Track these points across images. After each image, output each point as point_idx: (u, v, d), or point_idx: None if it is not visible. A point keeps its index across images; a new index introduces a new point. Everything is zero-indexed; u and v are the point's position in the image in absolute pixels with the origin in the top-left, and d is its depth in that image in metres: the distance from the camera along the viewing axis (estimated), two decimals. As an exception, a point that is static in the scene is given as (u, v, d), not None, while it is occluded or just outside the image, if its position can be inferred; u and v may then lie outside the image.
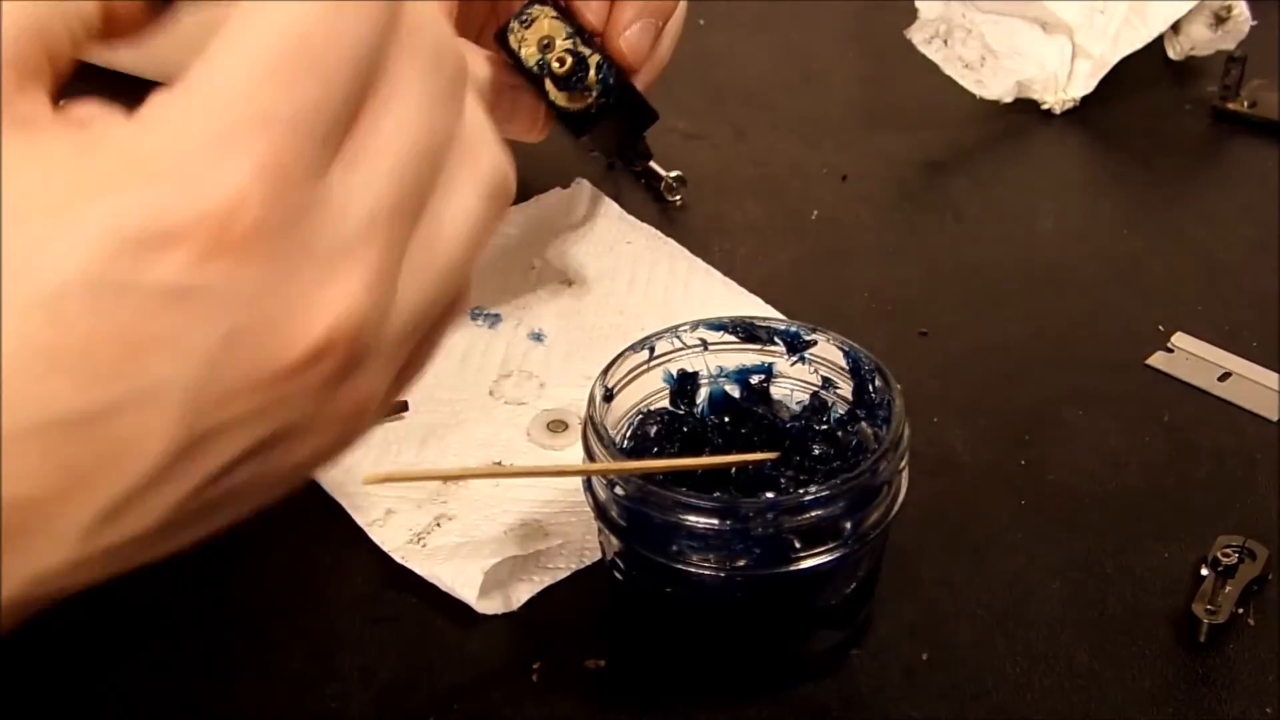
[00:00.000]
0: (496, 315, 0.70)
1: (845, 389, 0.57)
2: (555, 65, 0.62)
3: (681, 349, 0.58)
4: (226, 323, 0.38)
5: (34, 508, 0.40)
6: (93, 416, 0.39)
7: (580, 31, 0.62)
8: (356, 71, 0.39)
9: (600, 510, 0.53)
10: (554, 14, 0.62)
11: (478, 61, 0.61)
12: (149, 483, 0.41)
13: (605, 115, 0.63)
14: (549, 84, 0.63)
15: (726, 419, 0.58)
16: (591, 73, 0.62)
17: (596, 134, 0.65)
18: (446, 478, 0.61)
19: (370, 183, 0.40)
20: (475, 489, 0.61)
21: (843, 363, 0.57)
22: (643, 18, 0.62)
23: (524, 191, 0.77)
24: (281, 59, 0.38)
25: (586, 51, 0.62)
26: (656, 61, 0.67)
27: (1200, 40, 0.88)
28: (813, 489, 0.51)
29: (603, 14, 0.63)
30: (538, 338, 0.69)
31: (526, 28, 0.62)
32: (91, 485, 0.40)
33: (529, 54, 0.62)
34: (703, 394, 0.59)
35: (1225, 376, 0.68)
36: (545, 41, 0.62)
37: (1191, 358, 0.69)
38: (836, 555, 0.51)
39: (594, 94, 0.62)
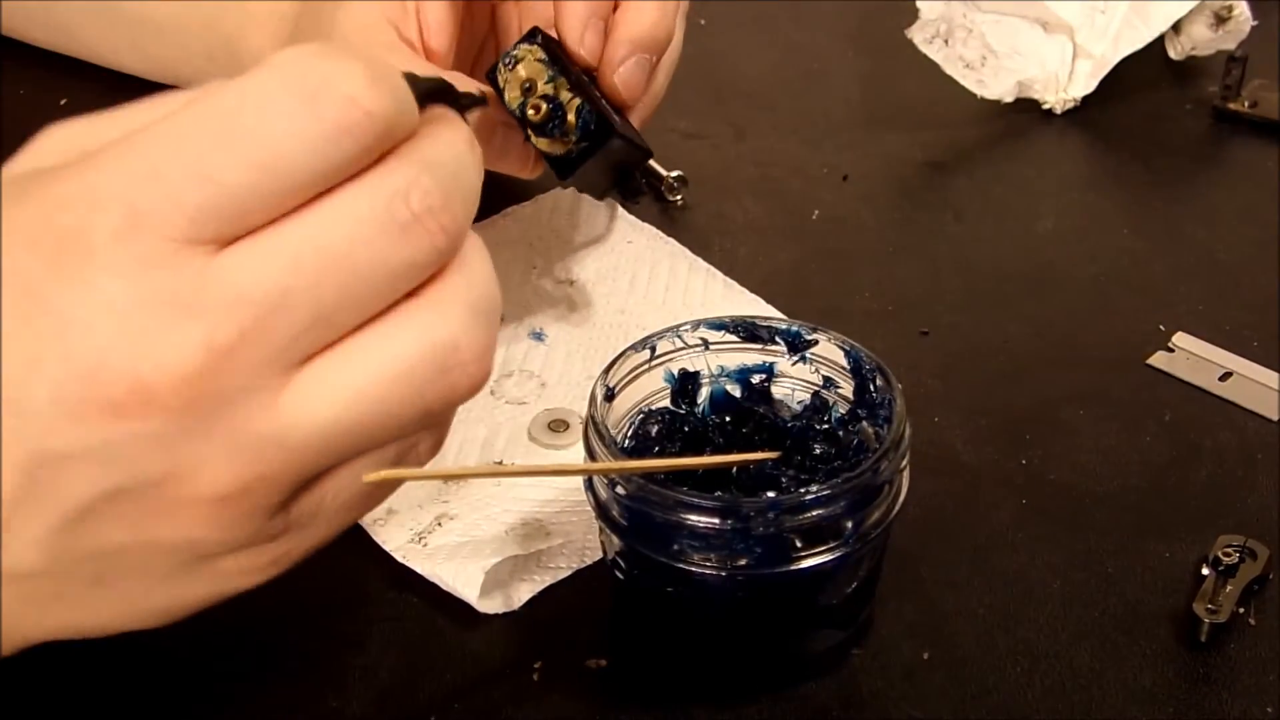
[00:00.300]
0: (497, 315, 0.70)
1: (846, 388, 0.57)
2: (530, 113, 0.62)
3: (683, 348, 0.58)
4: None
5: None
6: None
7: (566, 72, 0.61)
8: (373, 295, 0.42)
9: (601, 509, 0.53)
10: (540, 55, 0.61)
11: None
12: (13, 499, 0.42)
13: (586, 158, 0.62)
14: (530, 133, 0.62)
15: (728, 418, 0.58)
16: (570, 117, 0.61)
17: (581, 176, 0.64)
18: (447, 477, 0.61)
19: (327, 403, 0.42)
20: (476, 488, 0.61)
21: (844, 362, 0.57)
22: (636, 54, 0.62)
23: (524, 191, 0.77)
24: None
25: (566, 97, 0.61)
26: (651, 97, 0.66)
27: (1201, 40, 0.88)
28: (814, 488, 0.51)
29: (596, 51, 0.62)
30: (539, 337, 0.69)
31: (510, 69, 0.61)
32: None
33: (512, 97, 0.62)
34: (704, 393, 0.59)
35: (1226, 376, 0.68)
36: (527, 85, 0.62)
37: (1192, 357, 0.69)
38: (837, 555, 0.51)
39: (574, 139, 0.62)
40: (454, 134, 0.44)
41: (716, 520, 0.50)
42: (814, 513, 0.51)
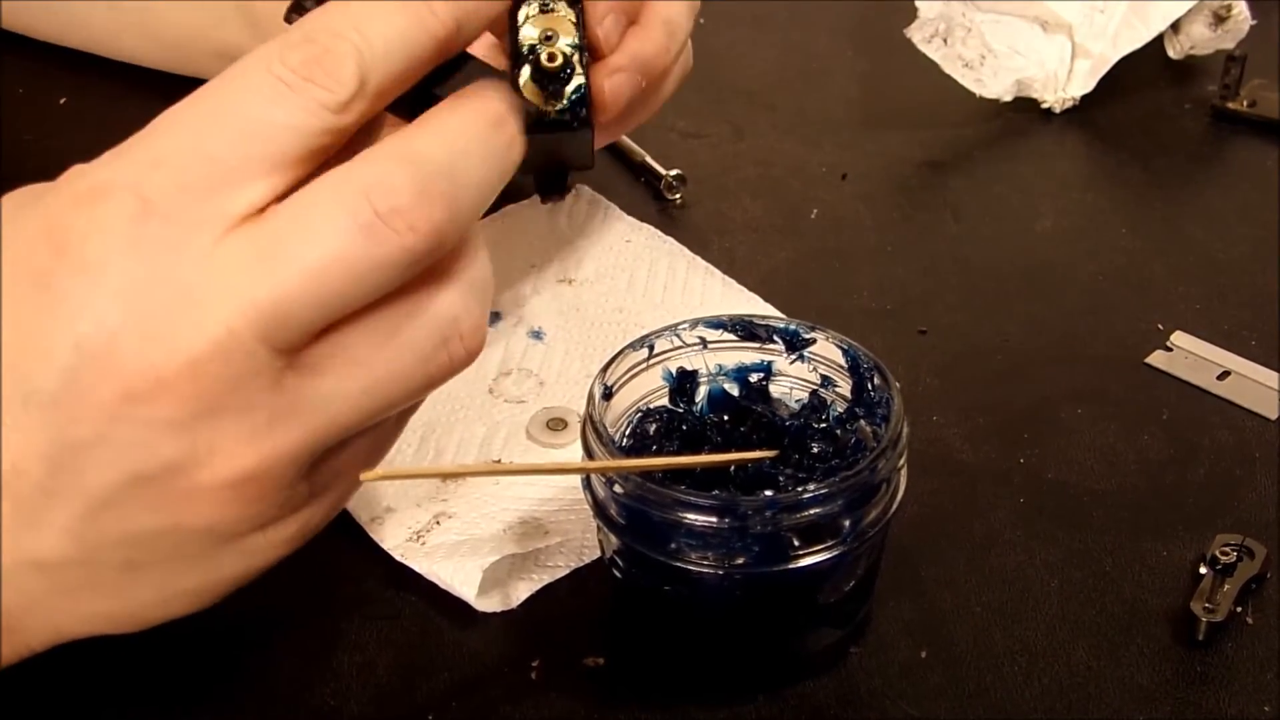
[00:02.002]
0: (496, 313, 0.70)
1: (844, 387, 0.57)
2: (545, 59, 0.60)
3: (681, 347, 0.58)
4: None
5: None
6: None
7: (584, 50, 0.60)
8: (360, 294, 0.43)
9: (599, 508, 0.53)
10: (574, 18, 0.60)
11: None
12: (43, 488, 0.44)
13: (552, 130, 0.61)
14: (526, 71, 0.61)
15: (725, 417, 0.58)
16: (569, 87, 0.61)
17: (533, 143, 0.63)
18: (445, 475, 0.61)
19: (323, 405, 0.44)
20: (474, 487, 0.61)
21: (842, 361, 0.57)
22: (629, 71, 0.59)
23: (523, 190, 0.77)
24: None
25: (579, 68, 0.61)
26: (631, 119, 0.64)
27: (1200, 39, 0.88)
28: (811, 487, 0.51)
29: (613, 40, 0.60)
30: (537, 336, 0.69)
31: (543, 12, 0.60)
32: (10, 475, 0.44)
33: (527, 36, 0.61)
34: (702, 392, 0.59)
35: (1224, 375, 0.68)
36: (549, 34, 0.61)
37: (1191, 357, 0.69)
38: (835, 553, 0.51)
39: (557, 106, 0.61)
40: (462, 121, 0.45)
41: (714, 519, 0.50)
42: (812, 511, 0.51)
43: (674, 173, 0.79)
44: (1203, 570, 0.57)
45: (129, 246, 0.43)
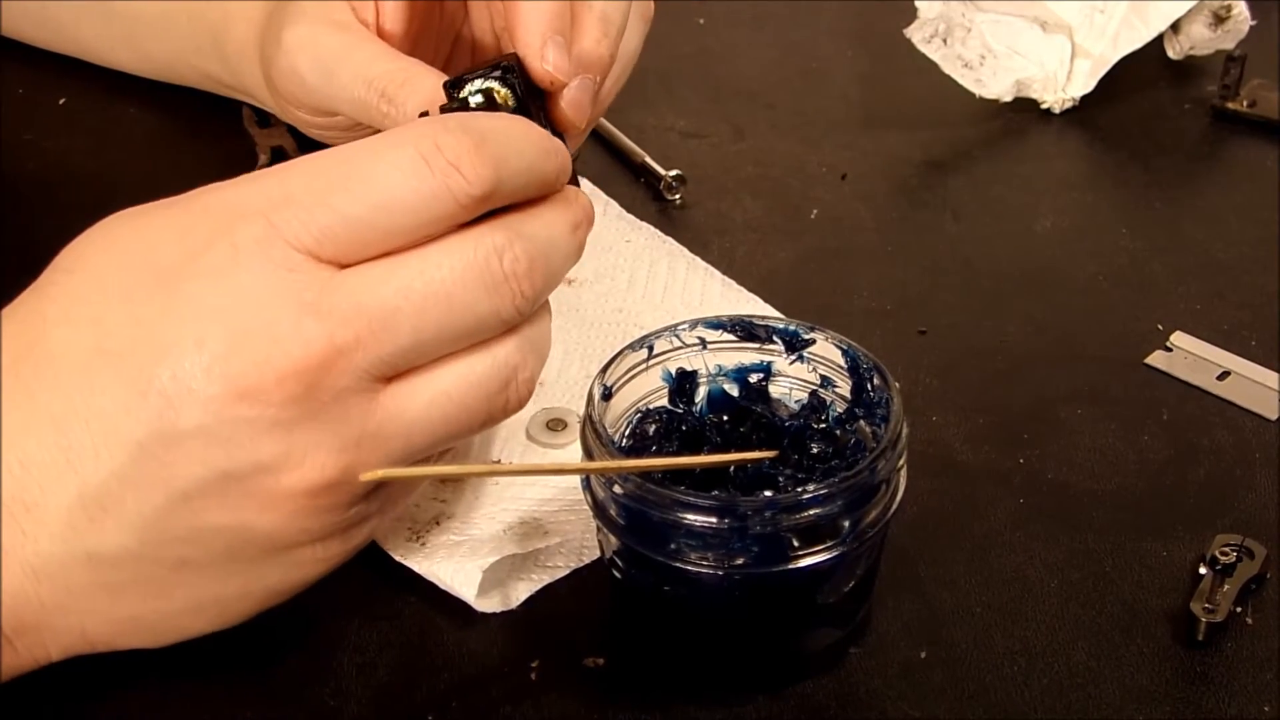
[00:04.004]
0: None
1: (844, 388, 0.57)
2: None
3: (680, 348, 0.58)
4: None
5: (33, 474, 0.45)
6: (86, 390, 0.47)
7: (528, 109, 0.59)
8: (460, 333, 0.49)
9: (599, 509, 0.53)
10: (511, 101, 0.58)
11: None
12: (124, 476, 0.47)
13: None
14: None
15: (725, 417, 0.58)
16: None
17: None
18: (445, 476, 0.61)
19: (413, 426, 0.49)
20: (474, 487, 0.61)
21: (841, 361, 0.57)
22: (579, 75, 0.59)
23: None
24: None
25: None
26: (590, 121, 0.63)
27: (1200, 40, 0.88)
28: (811, 487, 0.51)
29: (564, 69, 0.58)
30: (537, 336, 0.69)
31: (474, 96, 0.58)
32: (78, 462, 0.47)
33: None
34: (701, 392, 0.59)
35: (1224, 376, 0.68)
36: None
37: (1191, 357, 0.69)
38: (835, 554, 0.51)
39: None
40: (557, 217, 0.52)
41: (714, 519, 0.50)
42: (811, 512, 0.51)
43: (674, 173, 0.79)
44: (1202, 570, 0.57)
45: (256, 262, 0.47)
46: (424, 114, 0.57)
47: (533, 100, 0.57)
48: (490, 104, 0.56)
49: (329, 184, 0.48)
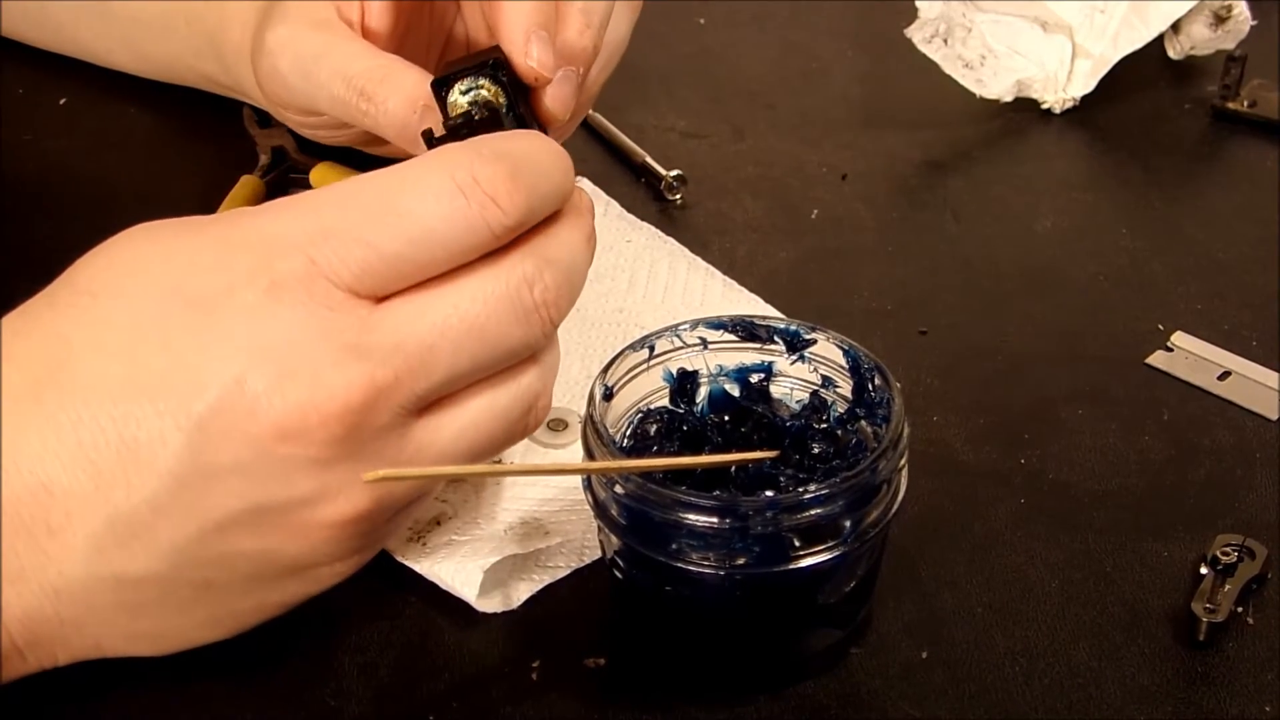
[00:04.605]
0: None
1: (845, 388, 0.57)
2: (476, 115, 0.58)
3: (681, 348, 0.58)
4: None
5: (57, 499, 0.44)
6: (119, 420, 0.47)
7: (515, 109, 0.58)
8: (491, 363, 0.50)
9: (600, 509, 0.53)
10: (501, 99, 0.58)
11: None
12: (157, 505, 0.44)
13: None
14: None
15: (726, 418, 0.58)
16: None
17: None
18: (446, 476, 0.61)
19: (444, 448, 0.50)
20: (475, 487, 0.61)
21: (842, 361, 0.57)
22: (564, 74, 0.59)
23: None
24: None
25: (509, 125, 0.58)
26: (575, 116, 0.63)
27: (1200, 40, 0.88)
28: (812, 487, 0.51)
29: (548, 64, 0.58)
30: (537, 336, 0.69)
31: (464, 95, 0.58)
32: (108, 490, 0.47)
33: (457, 114, 0.58)
34: (702, 393, 0.59)
35: (1225, 376, 0.68)
36: (475, 100, 0.58)
37: (1191, 357, 0.69)
38: (836, 554, 0.51)
39: None
40: (573, 234, 0.52)
41: (715, 519, 0.50)
42: (812, 512, 0.51)
43: (674, 173, 0.79)
44: (1203, 571, 0.57)
45: (297, 299, 0.47)
46: (428, 131, 0.57)
47: (519, 94, 0.57)
48: (482, 103, 0.56)
49: (367, 217, 0.48)
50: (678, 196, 0.79)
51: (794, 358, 0.58)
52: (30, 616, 0.48)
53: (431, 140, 0.57)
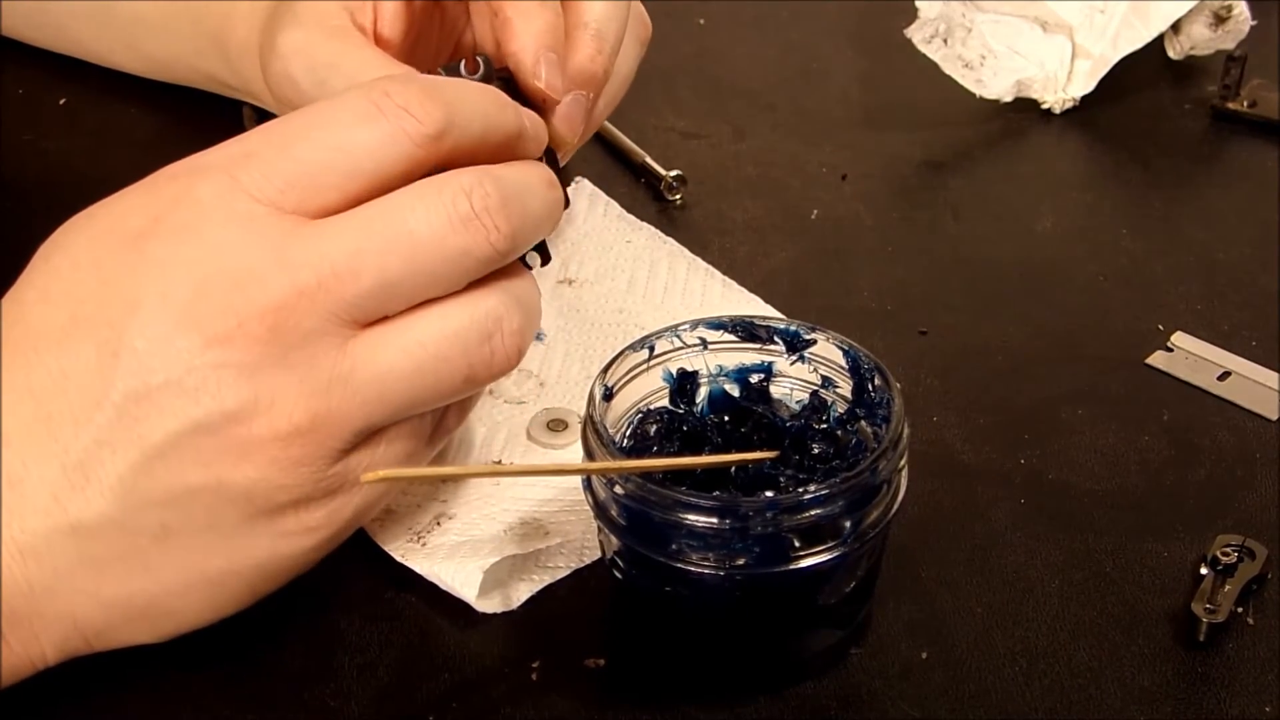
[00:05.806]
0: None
1: (845, 388, 0.57)
2: None
3: (681, 348, 0.58)
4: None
5: (15, 448, 0.48)
6: (64, 358, 0.48)
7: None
8: (430, 273, 0.49)
9: (600, 509, 0.53)
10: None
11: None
12: (101, 438, 0.47)
13: None
14: None
15: (726, 418, 0.58)
16: None
17: None
18: (446, 476, 0.61)
19: (384, 374, 0.49)
20: (475, 488, 0.61)
21: (842, 362, 0.57)
22: (572, 90, 0.60)
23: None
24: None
25: None
26: (585, 132, 0.63)
27: (1200, 40, 0.88)
28: (812, 488, 0.51)
29: (557, 87, 0.59)
30: (537, 337, 0.69)
31: None
32: (58, 431, 0.48)
33: None
34: (702, 393, 0.59)
35: (1225, 376, 0.68)
36: None
37: (1191, 357, 0.69)
38: (836, 554, 0.51)
39: None
40: (530, 170, 0.52)
41: (715, 520, 0.50)
42: (812, 512, 0.51)
43: (674, 173, 0.79)
44: (1203, 571, 0.57)
45: (219, 215, 0.48)
46: None
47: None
48: None
49: (287, 137, 0.50)
50: (678, 197, 0.79)
51: (794, 358, 0.58)
52: (2, 583, 0.48)
53: None
